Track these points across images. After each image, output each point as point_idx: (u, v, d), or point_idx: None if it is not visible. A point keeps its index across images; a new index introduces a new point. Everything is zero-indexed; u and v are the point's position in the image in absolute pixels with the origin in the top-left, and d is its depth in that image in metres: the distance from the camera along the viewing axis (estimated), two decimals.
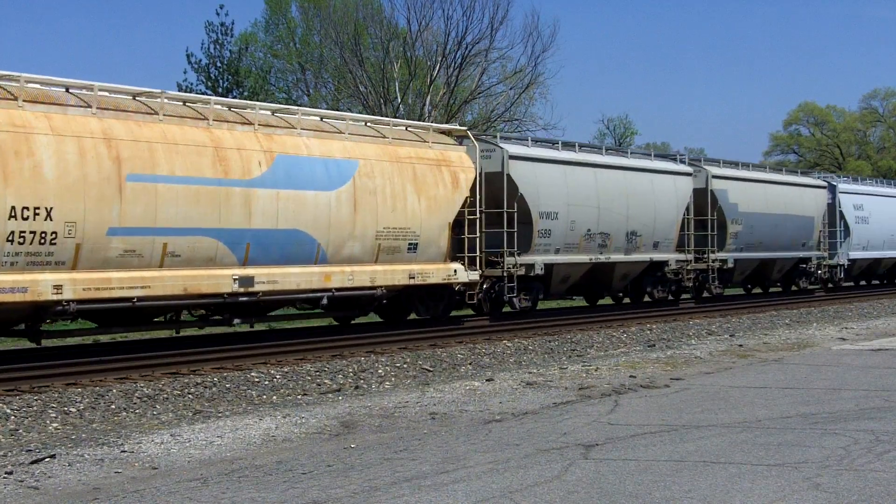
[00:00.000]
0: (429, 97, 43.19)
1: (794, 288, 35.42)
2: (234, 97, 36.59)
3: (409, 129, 21.07)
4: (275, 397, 14.30)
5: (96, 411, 12.85)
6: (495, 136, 24.27)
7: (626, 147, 31.85)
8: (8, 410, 12.48)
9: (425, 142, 20.92)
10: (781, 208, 32.82)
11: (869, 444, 9.54)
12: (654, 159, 28.77)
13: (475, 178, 21.30)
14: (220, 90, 37.94)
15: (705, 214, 29.38)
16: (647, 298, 28.69)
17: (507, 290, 22.65)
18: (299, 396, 14.36)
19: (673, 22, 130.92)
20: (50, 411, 12.63)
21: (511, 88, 45.94)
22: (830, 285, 37.46)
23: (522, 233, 23.06)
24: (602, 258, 25.47)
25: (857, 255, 37.60)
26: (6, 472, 9.02)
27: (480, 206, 21.95)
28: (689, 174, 29.04)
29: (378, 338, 19.93)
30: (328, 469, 8.98)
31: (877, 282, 43.51)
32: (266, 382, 15.23)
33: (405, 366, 17.26)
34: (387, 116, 37.25)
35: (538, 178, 23.35)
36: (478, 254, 21.84)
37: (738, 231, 30.71)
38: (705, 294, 31.07)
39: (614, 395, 13.21)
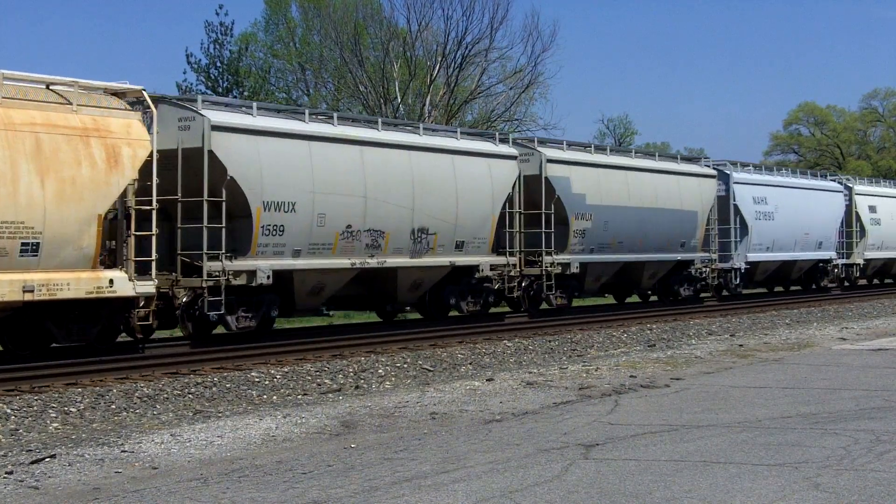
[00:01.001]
0: (429, 97, 43.18)
1: (680, 297, 29.41)
2: (235, 97, 36.60)
3: (50, 86, 15.40)
4: (275, 397, 14.30)
5: (96, 411, 12.86)
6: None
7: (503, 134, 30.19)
8: (8, 410, 12.48)
9: (68, 104, 15.34)
10: (650, 201, 26.97)
11: (869, 444, 9.54)
12: (462, 138, 22.69)
13: (150, 154, 15.92)
14: (220, 90, 37.94)
15: (539, 207, 23.64)
16: (454, 312, 22.74)
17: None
18: (299, 396, 14.36)
19: (673, 22, 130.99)
20: (50, 411, 12.63)
21: (511, 88, 45.93)
22: (779, 288, 35.01)
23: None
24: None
25: (756, 256, 31.50)
26: (6, 472, 9.02)
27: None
28: (512, 157, 23.18)
29: (378, 338, 19.93)
30: (328, 469, 8.97)
31: (779, 289, 37.58)
32: (266, 382, 15.23)
33: (405, 366, 17.26)
34: (387, 116, 37.18)
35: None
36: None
37: (586, 228, 24.70)
38: (544, 306, 24.96)
39: (614, 395, 13.20)
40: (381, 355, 18.06)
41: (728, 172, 30.83)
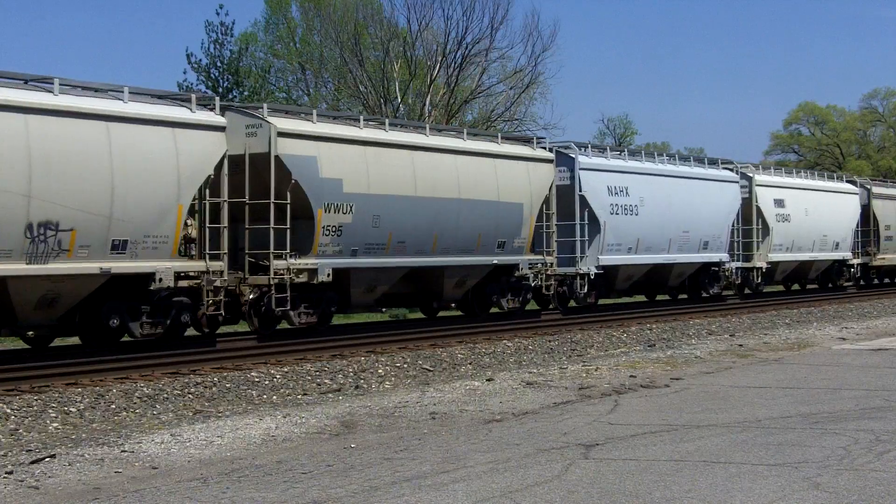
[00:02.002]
0: (429, 97, 43.18)
1: (496, 309, 23.38)
2: (235, 97, 36.61)
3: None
4: (275, 397, 14.31)
5: (96, 411, 12.86)
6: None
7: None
8: (8, 410, 12.48)
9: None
10: (450, 190, 20.90)
11: (869, 444, 9.54)
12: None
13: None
14: (220, 90, 37.92)
15: (268, 197, 17.87)
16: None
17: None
18: (299, 396, 14.36)
19: (673, 22, 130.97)
20: (50, 411, 12.63)
21: (511, 88, 45.92)
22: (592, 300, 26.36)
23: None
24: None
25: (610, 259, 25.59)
26: (6, 472, 9.02)
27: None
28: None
29: (378, 338, 19.93)
30: (328, 469, 8.98)
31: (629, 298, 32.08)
32: (266, 382, 15.23)
33: (405, 366, 17.26)
34: (387, 116, 37.23)
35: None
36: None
37: (344, 224, 18.86)
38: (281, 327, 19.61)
39: (614, 395, 13.21)
40: (381, 355, 18.06)
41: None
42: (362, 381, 15.79)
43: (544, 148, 24.23)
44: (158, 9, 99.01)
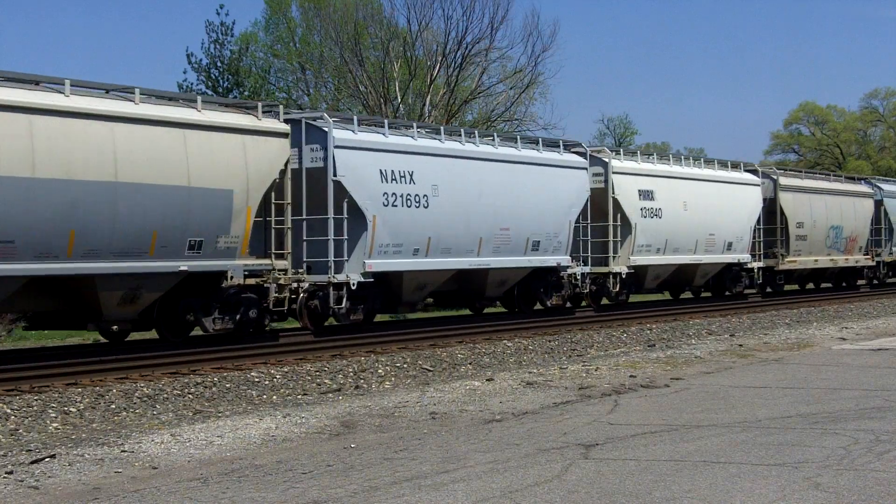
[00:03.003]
0: (429, 97, 43.16)
1: (208, 330, 17.97)
2: (235, 97, 36.60)
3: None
4: (275, 397, 14.31)
5: (96, 411, 12.86)
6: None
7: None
8: (8, 410, 12.48)
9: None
10: (101, 171, 15.16)
11: (869, 444, 9.54)
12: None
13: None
14: (220, 90, 37.92)
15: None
16: None
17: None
18: (299, 396, 14.36)
19: (673, 22, 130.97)
20: (50, 411, 12.63)
21: (511, 88, 45.87)
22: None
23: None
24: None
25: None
26: (6, 472, 9.02)
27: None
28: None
29: (378, 338, 19.94)
30: (328, 469, 8.98)
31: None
32: (266, 382, 15.23)
33: (405, 366, 17.26)
34: (387, 116, 37.21)
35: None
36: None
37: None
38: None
39: (614, 395, 13.21)
40: (381, 355, 18.07)
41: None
42: (362, 381, 15.79)
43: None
44: (158, 9, 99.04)
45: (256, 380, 15.30)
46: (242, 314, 17.71)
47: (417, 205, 20.58)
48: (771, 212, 32.44)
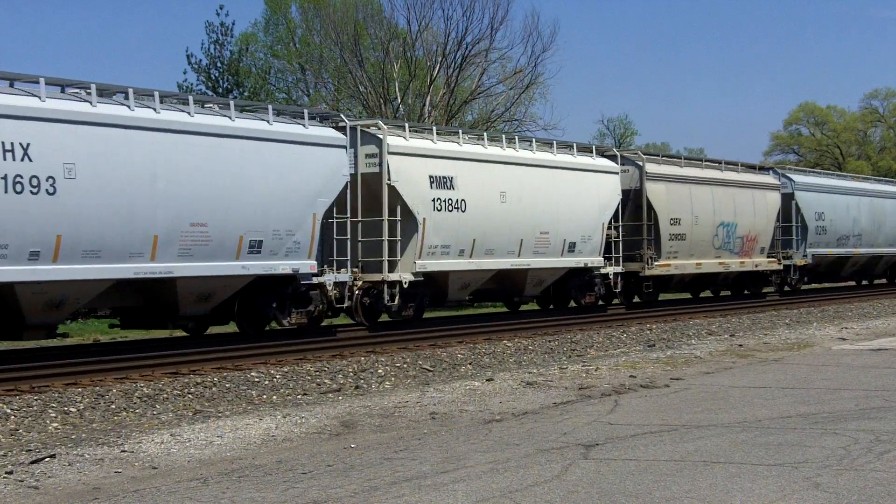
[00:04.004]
0: (429, 97, 43.16)
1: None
2: (235, 97, 36.61)
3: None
4: (275, 397, 14.30)
5: (96, 411, 12.86)
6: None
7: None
8: (8, 410, 12.48)
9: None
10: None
11: (869, 444, 9.54)
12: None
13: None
14: (220, 91, 37.93)
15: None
16: None
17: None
18: (299, 396, 14.36)
19: (673, 22, 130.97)
20: (50, 411, 12.63)
21: (511, 88, 45.87)
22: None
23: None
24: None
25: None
26: (6, 472, 9.02)
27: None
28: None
29: (378, 338, 19.95)
30: (328, 469, 8.98)
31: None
32: (266, 382, 15.23)
33: (405, 366, 17.26)
34: (386, 117, 37.21)
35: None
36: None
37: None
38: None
39: (614, 395, 13.21)
40: (380, 355, 18.06)
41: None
42: (362, 381, 15.79)
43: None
44: (158, 9, 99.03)
45: (256, 380, 15.30)
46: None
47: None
48: (641, 206, 27.04)
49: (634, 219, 27.04)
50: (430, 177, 21.01)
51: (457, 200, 21.46)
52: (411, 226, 20.56)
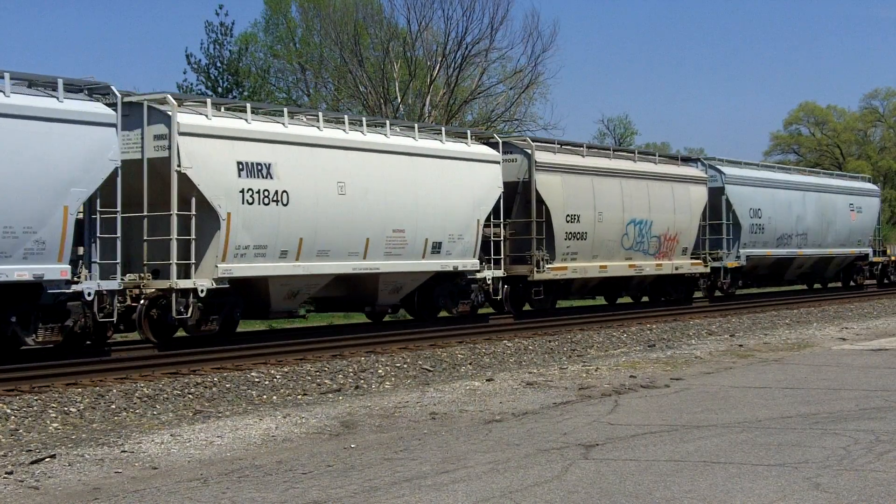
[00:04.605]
0: (429, 97, 43.17)
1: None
2: (234, 97, 36.60)
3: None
4: (275, 397, 14.30)
5: (96, 411, 12.86)
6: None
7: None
8: (8, 410, 12.48)
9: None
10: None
11: (869, 444, 9.54)
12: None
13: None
14: (219, 90, 37.93)
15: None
16: None
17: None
18: (299, 396, 14.36)
19: (673, 22, 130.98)
20: (50, 411, 12.63)
21: (511, 88, 45.91)
22: None
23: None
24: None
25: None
26: (6, 472, 9.02)
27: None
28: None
29: (378, 338, 19.93)
30: (328, 469, 8.98)
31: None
32: (266, 382, 15.23)
33: (405, 366, 17.26)
34: (386, 117, 37.24)
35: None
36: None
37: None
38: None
39: (614, 395, 13.20)
40: (381, 355, 18.06)
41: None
42: (362, 381, 15.78)
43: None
44: (158, 9, 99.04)
45: (256, 380, 15.30)
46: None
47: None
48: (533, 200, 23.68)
49: (525, 215, 23.73)
50: (239, 163, 17.26)
51: (276, 192, 17.80)
52: (213, 222, 16.93)
